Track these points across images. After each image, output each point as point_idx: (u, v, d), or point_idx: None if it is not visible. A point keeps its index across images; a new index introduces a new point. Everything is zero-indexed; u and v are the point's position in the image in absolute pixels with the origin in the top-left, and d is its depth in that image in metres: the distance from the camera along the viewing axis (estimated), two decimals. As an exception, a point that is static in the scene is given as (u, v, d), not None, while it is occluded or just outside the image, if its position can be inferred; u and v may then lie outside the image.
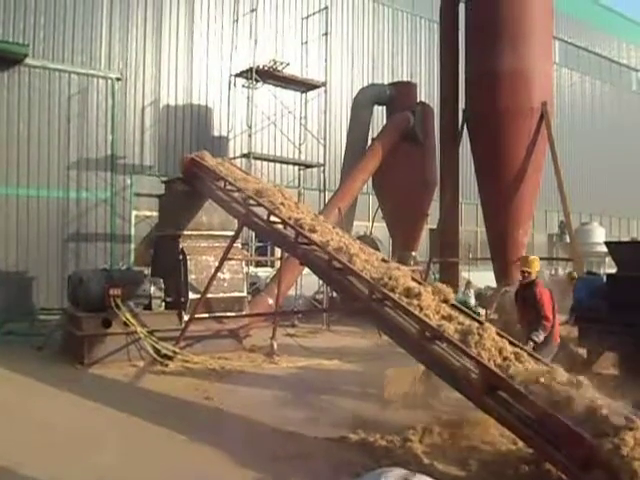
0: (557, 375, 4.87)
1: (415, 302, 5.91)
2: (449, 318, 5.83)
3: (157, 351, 9.34)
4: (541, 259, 22.06)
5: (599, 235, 21.18)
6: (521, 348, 5.60)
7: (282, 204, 8.61)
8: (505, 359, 5.21)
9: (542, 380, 4.75)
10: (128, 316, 9.30)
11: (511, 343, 5.57)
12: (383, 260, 7.36)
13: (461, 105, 14.22)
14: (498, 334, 5.56)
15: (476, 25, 13.37)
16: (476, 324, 5.74)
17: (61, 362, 9.45)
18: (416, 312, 5.78)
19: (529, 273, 7.14)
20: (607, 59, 31.85)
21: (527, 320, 7.00)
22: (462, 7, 14.35)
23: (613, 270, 9.94)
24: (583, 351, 9.10)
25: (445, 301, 6.20)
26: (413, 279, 6.63)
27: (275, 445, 5.82)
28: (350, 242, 7.61)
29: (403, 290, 6.15)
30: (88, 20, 15.38)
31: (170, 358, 9.42)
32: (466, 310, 6.51)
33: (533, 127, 12.64)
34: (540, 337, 6.61)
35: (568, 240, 17.59)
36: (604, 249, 12.74)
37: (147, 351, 9.34)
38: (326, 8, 17.79)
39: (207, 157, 10.58)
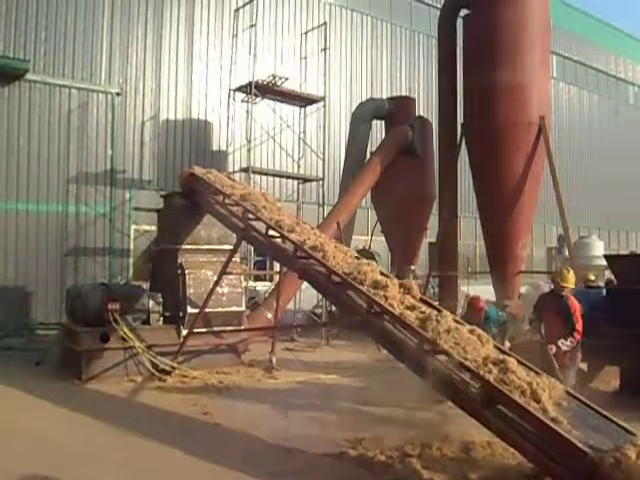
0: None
1: (381, 293, 6.31)
2: (412, 308, 6.20)
3: (155, 366, 9.29)
4: (540, 273, 21.93)
5: (598, 248, 21.14)
6: (479, 335, 5.75)
7: (264, 207, 8.97)
8: (457, 344, 5.45)
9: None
10: (126, 331, 9.25)
11: (472, 332, 5.80)
12: (356, 257, 7.64)
13: (459, 119, 14.28)
14: (455, 321, 5.94)
15: (474, 40, 13.44)
16: (435, 312, 6.07)
17: (59, 377, 9.38)
18: (382, 302, 6.17)
19: (565, 289, 7.27)
20: (604, 73, 32.10)
21: (554, 330, 7.14)
22: (460, 22, 14.47)
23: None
24: (583, 365, 9.07)
25: (409, 293, 6.55)
26: (382, 273, 6.96)
27: (273, 461, 5.78)
28: (326, 241, 7.91)
29: (371, 282, 6.54)
30: (89, 35, 15.49)
31: (168, 373, 9.36)
32: (433, 303, 6.72)
33: (531, 141, 12.67)
34: (566, 345, 6.90)
35: (567, 254, 17.58)
36: (603, 262, 12.73)
37: (145, 366, 9.29)
38: (325, 24, 17.93)
39: (196, 169, 10.75)
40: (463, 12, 14.43)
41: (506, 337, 8.40)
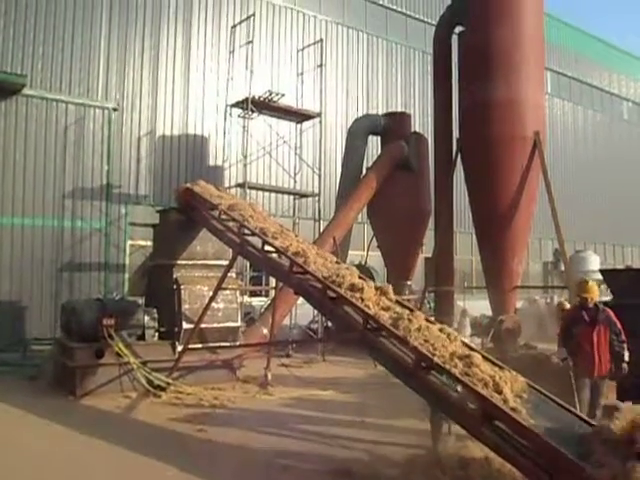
0: None
1: (358, 295, 6.67)
2: (387, 309, 6.54)
3: (150, 382, 9.25)
4: (536, 287, 21.87)
5: (594, 263, 21.20)
6: (449, 334, 6.03)
7: (251, 216, 9.31)
8: (426, 341, 5.74)
9: None
10: (121, 346, 9.22)
11: (441, 330, 6.13)
12: (337, 262, 8.03)
13: (455, 135, 14.35)
14: (427, 320, 6.32)
15: (469, 56, 13.55)
16: (407, 311, 6.44)
17: (53, 393, 9.35)
18: (358, 303, 6.52)
19: (589, 299, 7.14)
20: (598, 89, 32.35)
21: (591, 343, 6.96)
22: (455, 39, 14.59)
23: (608, 298, 9.91)
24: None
25: (385, 295, 6.89)
26: (360, 277, 7.26)
27: (268, 478, 5.73)
28: (307, 247, 8.29)
29: (349, 285, 6.88)
30: (86, 51, 15.55)
31: (163, 389, 9.32)
32: (407, 304, 6.97)
33: (526, 156, 12.73)
34: (627, 356, 6.90)
35: (563, 268, 17.59)
36: (599, 277, 12.74)
37: (140, 382, 9.24)
38: (321, 40, 18.04)
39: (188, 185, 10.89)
40: (458, 29, 14.56)
41: None
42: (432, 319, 6.64)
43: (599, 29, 66.47)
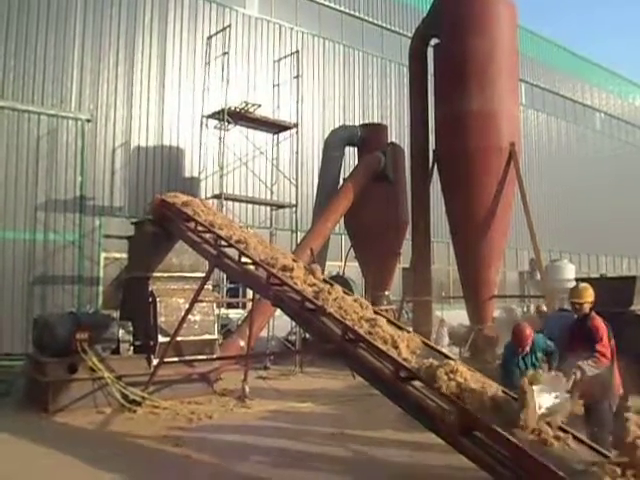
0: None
1: (288, 274, 7.59)
2: (312, 285, 7.47)
3: (125, 397, 9.08)
4: (513, 297, 21.98)
5: (569, 272, 21.39)
6: (361, 303, 6.98)
7: (202, 211, 9.95)
8: (340, 307, 6.63)
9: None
10: (95, 361, 9.04)
11: (356, 300, 7.05)
12: (276, 250, 8.98)
13: (431, 145, 14.44)
14: (345, 292, 7.23)
15: (444, 68, 13.67)
16: (328, 286, 7.34)
17: (24, 410, 9.10)
18: (289, 282, 7.40)
19: (581, 305, 6.00)
20: (571, 100, 32.94)
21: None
22: (431, 51, 14.71)
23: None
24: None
25: (313, 274, 7.85)
26: (293, 260, 8.31)
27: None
28: (249, 236, 9.23)
29: (281, 267, 7.77)
30: (59, 62, 15.36)
31: (138, 404, 9.14)
32: (331, 282, 7.77)
33: (502, 167, 12.85)
34: (588, 368, 5.41)
35: (539, 277, 17.75)
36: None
37: (115, 397, 9.06)
38: (297, 51, 18.07)
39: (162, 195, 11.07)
40: (433, 41, 14.69)
41: (552, 367, 6.40)
42: (349, 292, 7.57)
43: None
